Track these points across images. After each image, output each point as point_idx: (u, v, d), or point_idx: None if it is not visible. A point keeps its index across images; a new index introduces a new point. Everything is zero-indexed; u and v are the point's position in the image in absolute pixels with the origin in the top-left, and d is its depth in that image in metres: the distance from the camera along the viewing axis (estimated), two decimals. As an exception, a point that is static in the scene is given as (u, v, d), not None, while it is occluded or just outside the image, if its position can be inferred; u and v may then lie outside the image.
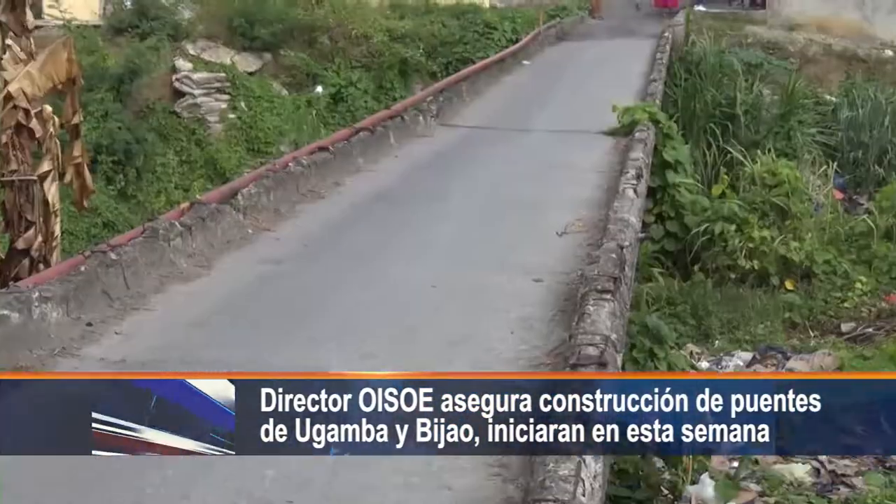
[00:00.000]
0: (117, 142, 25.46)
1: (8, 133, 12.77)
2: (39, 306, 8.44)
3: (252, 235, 11.89)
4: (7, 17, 12.59)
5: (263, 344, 8.69)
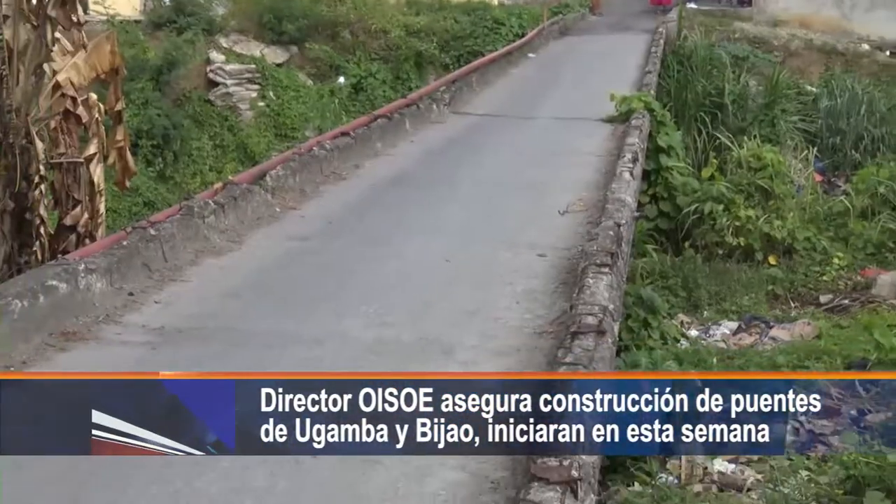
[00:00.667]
0: (156, 127, 25.49)
1: (57, 119, 12.77)
2: (85, 277, 8.46)
3: (279, 213, 11.90)
4: (57, 13, 12.57)
5: (291, 314, 8.71)
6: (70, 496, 5.62)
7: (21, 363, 7.38)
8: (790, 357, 14.49)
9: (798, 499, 9.72)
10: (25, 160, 12.20)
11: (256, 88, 28.48)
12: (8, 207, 12.16)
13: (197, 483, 5.75)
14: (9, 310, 7.55)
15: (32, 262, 11.84)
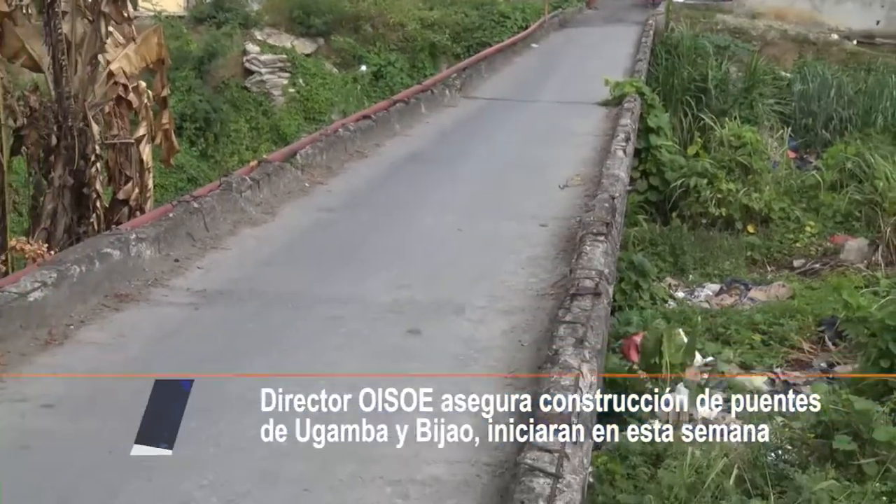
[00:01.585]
0: (199, 111, 25.50)
1: (110, 104, 12.78)
2: (136, 245, 8.46)
3: (308, 188, 11.89)
4: (110, 9, 12.56)
5: (318, 277, 8.71)
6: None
7: (79, 322, 7.39)
8: (767, 315, 14.48)
9: (774, 442, 9.71)
10: (83, 141, 12.21)
11: (287, 76, 28.45)
12: (68, 183, 12.18)
13: (234, 433, 5.75)
14: (68, 274, 7.56)
15: (89, 231, 11.86)
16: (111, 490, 5.05)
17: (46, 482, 5.15)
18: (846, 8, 32.65)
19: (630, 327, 13.21)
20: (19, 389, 6.24)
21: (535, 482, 4.60)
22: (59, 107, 12.13)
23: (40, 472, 5.27)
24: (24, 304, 7.02)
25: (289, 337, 7.29)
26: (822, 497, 8.18)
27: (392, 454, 5.45)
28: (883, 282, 15.61)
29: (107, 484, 5.12)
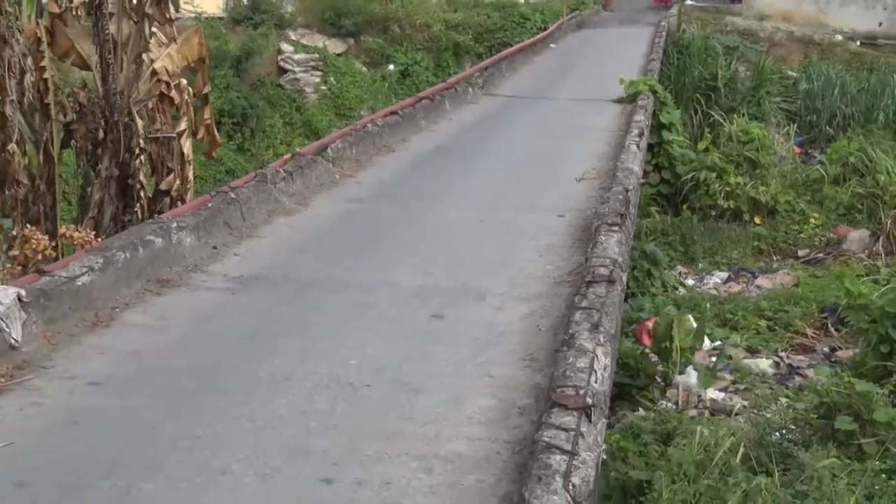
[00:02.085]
0: (236, 107, 25.57)
1: (154, 100, 12.81)
2: (177, 233, 8.49)
3: (339, 180, 11.90)
4: (153, 10, 12.58)
5: (348, 264, 8.73)
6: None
7: (124, 305, 7.43)
8: (772, 302, 14.45)
9: (778, 422, 9.68)
10: (128, 135, 12.24)
11: (319, 74, 28.50)
12: (114, 175, 12.22)
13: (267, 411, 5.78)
14: (114, 260, 7.59)
15: (134, 220, 11.90)
16: (154, 463, 5.09)
17: (94, 455, 5.18)
18: (850, 10, 32.52)
19: (642, 313, 13.20)
20: (68, 368, 6.29)
21: (552, 459, 4.60)
22: (105, 103, 12.16)
23: (88, 445, 5.31)
24: (72, 287, 7.06)
25: (320, 320, 7.30)
26: (824, 474, 8.15)
27: (416, 432, 5.47)
28: (883, 271, 15.56)
29: (150, 457, 5.15)
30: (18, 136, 11.49)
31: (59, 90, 12.10)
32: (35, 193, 11.91)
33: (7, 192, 11.61)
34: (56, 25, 12.24)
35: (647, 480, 7.94)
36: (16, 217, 11.58)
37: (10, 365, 6.17)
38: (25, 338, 6.40)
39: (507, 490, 4.82)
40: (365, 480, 4.95)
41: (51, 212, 12.00)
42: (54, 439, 5.38)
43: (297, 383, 6.10)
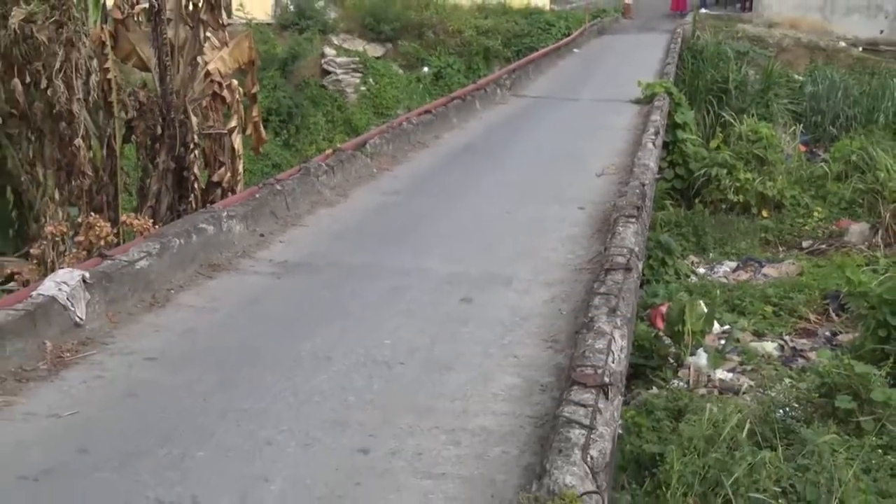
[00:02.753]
0: (282, 106, 25.61)
1: (207, 99, 12.84)
2: (227, 222, 8.53)
3: (376, 174, 11.91)
4: (207, 17, 12.61)
5: (384, 251, 8.74)
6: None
7: (178, 287, 7.47)
8: (778, 290, 14.37)
9: (782, 400, 9.64)
10: (183, 131, 12.29)
11: (359, 76, 28.49)
12: (170, 167, 12.28)
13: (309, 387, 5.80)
14: (170, 246, 7.63)
15: (188, 209, 11.95)
16: (206, 432, 5.11)
17: (150, 424, 5.22)
18: (853, 19, 32.27)
19: (657, 298, 13.15)
20: (128, 344, 6.33)
21: (572, 433, 4.59)
22: (163, 101, 12.21)
23: (145, 416, 5.35)
24: (132, 271, 7.10)
25: (358, 303, 7.31)
26: (825, 449, 8.13)
27: (446, 407, 5.47)
28: (882, 261, 15.43)
29: (202, 427, 5.18)
30: (84, 132, 11.58)
31: (121, 90, 12.16)
32: (99, 184, 11.99)
33: (74, 182, 11.70)
34: (119, 30, 12.30)
35: (659, 453, 7.92)
36: (82, 206, 11.68)
37: (75, 341, 6.23)
38: (89, 316, 6.45)
39: (529, 461, 4.82)
40: (399, 451, 4.96)
41: (113, 201, 12.08)
42: (114, 410, 5.42)
43: (336, 361, 6.11)
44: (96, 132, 12.01)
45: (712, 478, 7.48)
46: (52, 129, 11.60)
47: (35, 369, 5.82)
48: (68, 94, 11.35)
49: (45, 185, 11.78)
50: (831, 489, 7.63)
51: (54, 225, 9.82)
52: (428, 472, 4.76)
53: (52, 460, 4.84)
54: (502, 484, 4.65)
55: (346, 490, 4.59)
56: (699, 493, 7.37)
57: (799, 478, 7.79)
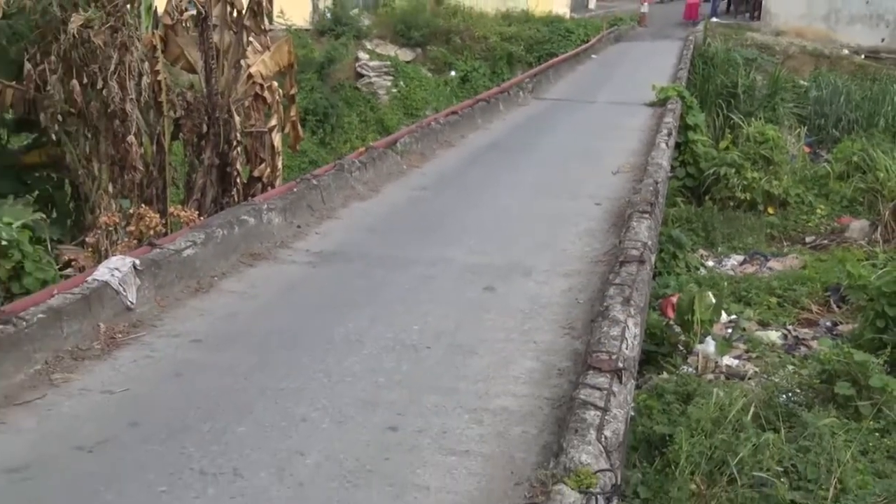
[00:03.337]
0: (319, 107, 25.65)
1: (249, 100, 12.90)
2: (267, 214, 8.55)
3: (406, 170, 11.90)
4: (250, 23, 12.66)
5: (412, 243, 8.73)
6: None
7: (221, 274, 7.50)
8: (782, 282, 14.29)
9: (785, 386, 9.61)
10: (227, 130, 12.35)
11: (391, 79, 28.49)
12: (215, 163, 12.35)
13: (341, 368, 5.81)
14: (214, 236, 7.66)
15: (231, 202, 12.02)
16: (245, 409, 5.14)
17: (195, 401, 5.25)
18: (856, 28, 32.07)
19: (668, 289, 13.10)
20: (174, 327, 6.37)
21: (588, 414, 4.58)
22: (209, 102, 12.28)
23: (190, 393, 5.38)
24: (179, 258, 7.14)
25: (388, 290, 7.32)
26: (825, 432, 8.10)
27: (469, 388, 5.47)
28: (881, 256, 15.33)
29: (242, 404, 5.20)
30: (136, 130, 11.64)
31: (170, 90, 12.22)
32: (149, 178, 12.07)
33: (126, 176, 11.78)
34: (169, 35, 12.37)
35: (669, 434, 7.91)
36: (133, 198, 11.75)
37: (126, 323, 6.27)
38: (139, 300, 6.49)
39: (547, 440, 4.81)
40: (425, 429, 4.97)
41: (162, 194, 12.15)
42: (162, 387, 5.46)
43: (367, 345, 6.12)
44: (147, 130, 12.08)
45: (718, 457, 7.46)
46: (107, 127, 11.68)
47: (90, 349, 5.86)
48: (122, 94, 11.42)
49: (99, 179, 11.86)
50: (831, 469, 7.61)
51: (108, 216, 9.88)
52: (452, 448, 4.77)
53: (105, 433, 4.88)
54: (521, 461, 4.65)
55: (376, 464, 4.60)
56: (706, 472, 7.35)
57: (800, 458, 7.77)
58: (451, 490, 4.38)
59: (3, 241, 7.31)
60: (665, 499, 7.03)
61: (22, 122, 12.34)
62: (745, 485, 7.27)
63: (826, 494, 7.38)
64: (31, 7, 11.25)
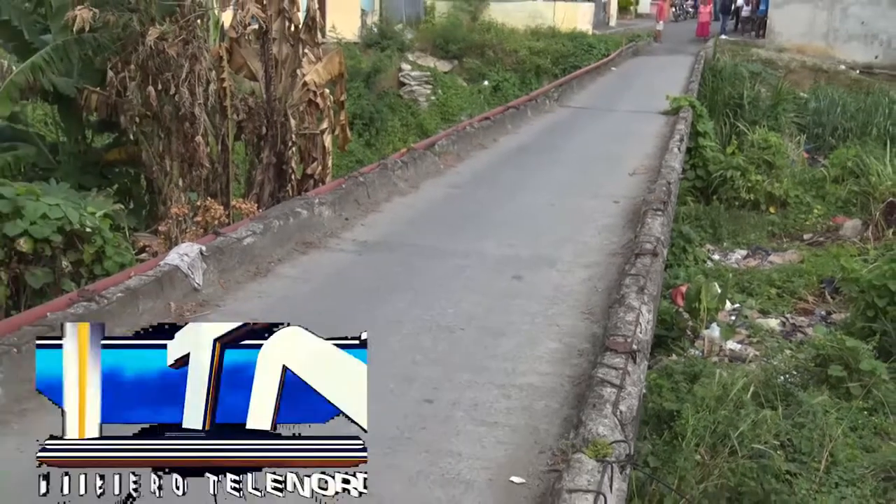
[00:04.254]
0: (365, 112, 25.64)
1: (303, 105, 12.92)
2: (318, 207, 8.58)
3: (442, 170, 11.89)
4: (305, 36, 12.66)
5: (447, 235, 8.73)
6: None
7: (277, 261, 7.53)
8: (781, 275, 14.16)
9: (782, 368, 9.55)
10: (283, 132, 12.39)
11: (430, 87, 28.41)
12: (272, 161, 12.38)
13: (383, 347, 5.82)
14: (271, 226, 7.70)
15: (286, 196, 12.05)
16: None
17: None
18: (852, 45, 31.71)
19: (678, 280, 13.01)
20: (235, 308, 6.41)
21: (605, 391, 4.57)
22: (268, 106, 12.31)
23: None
24: (240, 246, 7.18)
25: (425, 277, 7.33)
26: (818, 410, 8.07)
27: (498, 366, 5.47)
28: (871, 252, 15.11)
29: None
30: (203, 131, 11.72)
31: (234, 96, 12.28)
32: (214, 174, 12.14)
33: (194, 172, 11.86)
34: (233, 47, 12.41)
35: (677, 410, 7.86)
36: (200, 192, 11.83)
37: (193, 302, 6.32)
38: (205, 283, 6.54)
39: (568, 413, 4.80)
40: (458, 402, 4.96)
41: (225, 188, 12.22)
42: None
43: (406, 326, 6.13)
44: (213, 131, 12.15)
45: (721, 431, 7.42)
46: (178, 128, 11.76)
47: (161, 325, 5.91)
48: (191, 99, 11.50)
49: (171, 174, 11.95)
50: (823, 443, 7.57)
51: (178, 207, 9.95)
52: (482, 420, 4.76)
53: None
54: (545, 432, 4.64)
55: (414, 433, 4.61)
56: (709, 444, 7.32)
57: (795, 433, 7.73)
58: (480, 457, 4.38)
59: (87, 228, 7.38)
60: (672, 468, 6.99)
61: (104, 123, 12.46)
62: (744, 456, 7.24)
63: (818, 466, 7.35)
64: (113, 22, 11.35)
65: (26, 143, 11.89)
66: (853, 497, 7.06)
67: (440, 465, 4.29)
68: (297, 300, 6.67)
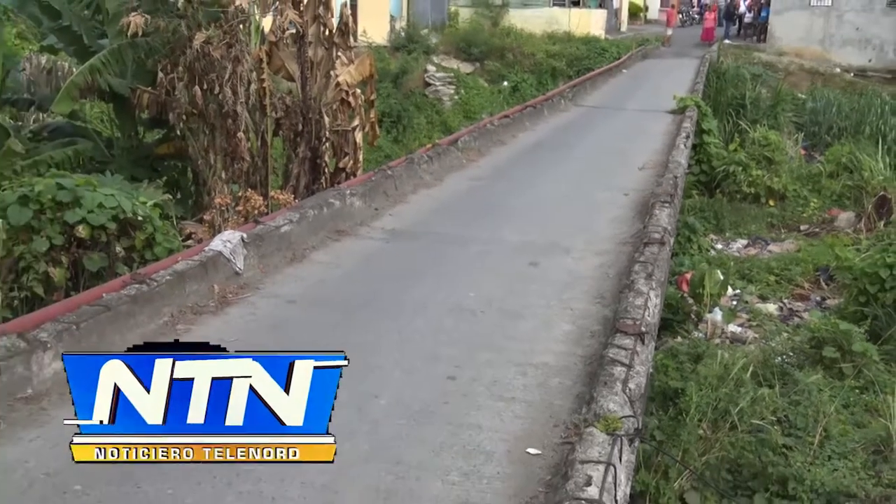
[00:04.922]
0: (393, 110, 25.57)
1: (337, 104, 12.90)
2: (350, 198, 8.59)
3: (465, 164, 11.88)
4: (339, 40, 12.63)
5: (469, 224, 8.72)
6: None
7: (312, 247, 7.55)
8: (779, 263, 14.05)
9: (780, 350, 9.48)
10: (318, 128, 12.37)
11: (454, 88, 28.29)
12: (307, 156, 12.38)
13: (409, 327, 5.82)
14: (306, 215, 7.70)
15: (320, 188, 12.05)
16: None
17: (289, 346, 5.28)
18: (847, 50, 31.42)
19: (683, 267, 12.92)
20: (273, 290, 6.43)
21: (615, 369, 4.55)
22: (303, 105, 12.30)
23: (286, 344, 5.40)
24: (277, 234, 7.20)
25: (449, 263, 7.32)
26: (813, 388, 8.04)
27: (516, 347, 5.45)
28: (864, 242, 14.93)
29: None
30: (245, 127, 11.73)
31: (272, 95, 12.28)
32: (254, 167, 12.15)
33: (236, 166, 11.88)
34: (272, 50, 12.40)
35: (681, 388, 7.82)
36: (241, 183, 11.85)
37: (235, 286, 6.34)
38: (246, 267, 6.56)
39: (580, 390, 4.78)
40: (478, 379, 4.95)
41: (264, 181, 12.24)
42: (264, 338, 5.50)
43: (431, 308, 6.12)
44: (253, 127, 12.15)
45: (722, 408, 7.39)
46: (221, 125, 11.77)
47: (206, 306, 5.94)
48: (234, 98, 11.51)
49: (215, 167, 11.97)
50: (817, 419, 7.54)
51: (221, 197, 9.98)
52: (501, 395, 4.75)
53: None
54: (559, 407, 4.62)
55: (437, 407, 4.60)
56: (711, 420, 7.29)
57: (791, 410, 7.70)
58: (499, 430, 4.37)
59: (139, 216, 7.42)
60: (677, 441, 6.97)
61: (155, 120, 12.50)
62: (744, 431, 7.22)
63: (812, 440, 7.32)
64: (164, 27, 11.40)
65: (84, 139, 11.95)
66: (844, 469, 7.01)
67: (462, 437, 4.29)
68: (330, 284, 6.68)
